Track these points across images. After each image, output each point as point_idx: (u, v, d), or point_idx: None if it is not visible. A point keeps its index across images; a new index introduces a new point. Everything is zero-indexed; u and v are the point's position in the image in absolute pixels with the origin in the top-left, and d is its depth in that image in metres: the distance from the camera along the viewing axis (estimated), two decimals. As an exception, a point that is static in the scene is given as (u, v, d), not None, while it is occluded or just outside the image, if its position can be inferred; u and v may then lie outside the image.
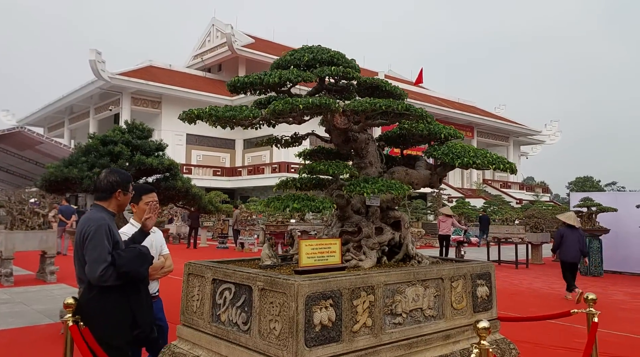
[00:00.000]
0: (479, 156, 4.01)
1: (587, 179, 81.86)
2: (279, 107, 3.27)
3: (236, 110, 3.38)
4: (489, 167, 4.01)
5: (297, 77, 3.59)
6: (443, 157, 4.06)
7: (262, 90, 3.95)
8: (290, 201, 3.47)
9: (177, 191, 9.10)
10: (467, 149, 4.07)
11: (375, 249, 4.06)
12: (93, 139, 8.73)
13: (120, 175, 3.63)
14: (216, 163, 41.11)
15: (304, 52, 3.95)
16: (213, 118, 3.37)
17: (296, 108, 3.24)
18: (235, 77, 3.83)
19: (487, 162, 3.99)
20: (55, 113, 46.41)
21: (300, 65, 3.97)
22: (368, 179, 3.80)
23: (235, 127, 3.61)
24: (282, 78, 3.61)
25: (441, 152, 4.11)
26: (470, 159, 3.95)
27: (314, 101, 3.26)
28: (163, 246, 4.58)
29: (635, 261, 15.15)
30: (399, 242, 4.29)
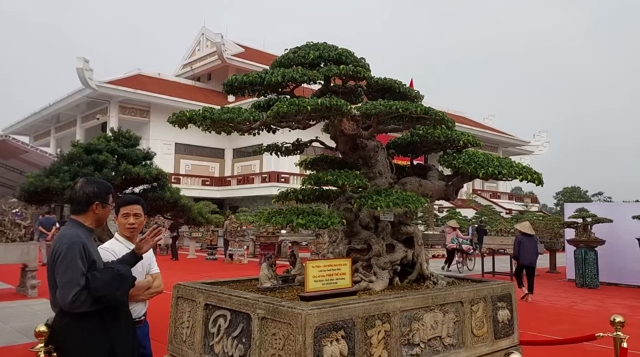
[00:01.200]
0: (505, 166, 3.62)
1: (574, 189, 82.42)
2: (283, 109, 2.85)
3: (234, 113, 2.96)
4: (515, 178, 3.61)
5: (302, 76, 3.19)
6: (464, 166, 3.65)
7: (261, 91, 3.53)
8: (294, 215, 3.05)
9: (165, 202, 8.63)
10: (491, 158, 3.68)
11: (387, 269, 3.64)
12: (76, 147, 8.27)
13: (98, 185, 3.17)
14: (205, 173, 40.56)
15: (309, 49, 3.53)
16: (207, 121, 2.95)
17: (303, 110, 2.83)
18: (232, 76, 3.41)
19: (514, 172, 3.59)
20: (42, 122, 45.67)
21: (304, 63, 3.56)
22: (380, 191, 3.39)
23: (224, 135, 3.18)
24: (285, 77, 3.20)
25: (462, 161, 3.70)
26: (496, 168, 3.56)
27: (324, 102, 2.85)
28: (152, 264, 4.10)
29: (632, 272, 14.91)
30: (412, 261, 3.87)
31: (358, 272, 3.57)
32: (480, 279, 4.14)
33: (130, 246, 3.50)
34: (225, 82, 3.43)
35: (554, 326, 8.42)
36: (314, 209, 3.21)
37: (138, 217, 3.57)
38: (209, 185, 39.97)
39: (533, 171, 3.68)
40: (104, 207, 3.16)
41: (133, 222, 3.53)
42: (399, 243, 3.84)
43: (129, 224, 3.53)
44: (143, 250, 3.13)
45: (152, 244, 3.17)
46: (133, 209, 3.57)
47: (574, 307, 10.65)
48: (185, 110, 3.12)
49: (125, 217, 3.50)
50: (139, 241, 3.11)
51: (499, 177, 3.64)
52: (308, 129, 3.70)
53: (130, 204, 3.60)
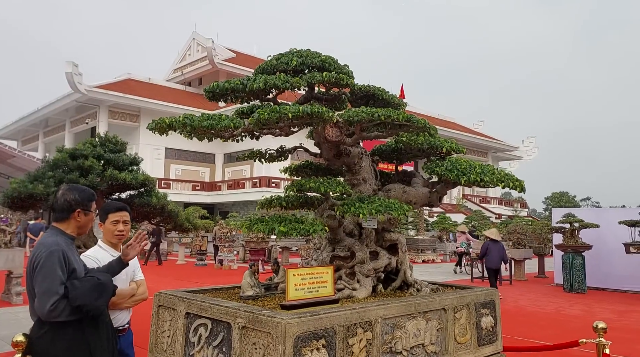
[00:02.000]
0: (487, 173, 3.62)
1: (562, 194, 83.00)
2: (264, 116, 2.83)
3: (214, 120, 2.93)
4: (497, 185, 3.62)
5: (284, 83, 3.17)
6: (447, 173, 3.65)
7: (244, 98, 3.51)
8: (276, 223, 3.03)
9: (152, 208, 8.54)
10: (473, 165, 3.68)
11: (371, 277, 3.63)
12: (62, 152, 8.18)
13: (80, 192, 3.13)
14: (195, 178, 40.36)
15: (292, 56, 3.52)
16: (188, 128, 2.93)
17: (284, 117, 2.82)
18: (214, 83, 3.38)
19: (496, 180, 3.60)
20: (30, 126, 45.23)
21: (287, 70, 3.55)
22: (364, 198, 3.38)
23: (214, 140, 3.15)
24: (267, 84, 3.18)
25: (444, 168, 3.71)
26: (477, 176, 3.56)
27: (305, 110, 2.84)
28: (136, 270, 4.05)
29: (618, 277, 15.02)
30: (396, 268, 3.86)
31: (341, 279, 3.55)
32: (464, 286, 4.14)
33: (114, 253, 3.46)
34: (206, 88, 3.40)
35: (542, 331, 8.45)
36: (296, 216, 3.19)
37: (127, 224, 3.53)
38: (199, 190, 39.78)
39: (515, 178, 3.69)
40: (86, 214, 3.12)
41: (122, 229, 3.49)
42: (383, 250, 3.83)
43: (119, 231, 3.48)
44: (130, 256, 3.10)
45: (138, 250, 3.13)
46: (122, 216, 3.52)
47: (561, 312, 10.69)
48: (174, 115, 3.09)
49: (114, 224, 3.45)
50: (125, 248, 3.07)
51: (481, 185, 3.64)
52: (295, 134, 3.68)
53: (120, 211, 3.55)
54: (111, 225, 3.47)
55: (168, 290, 3.52)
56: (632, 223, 13.76)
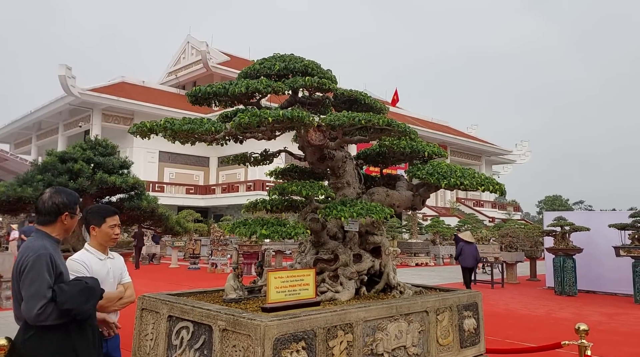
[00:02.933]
0: (467, 177, 3.66)
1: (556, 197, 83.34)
2: (244, 120, 2.86)
3: (195, 123, 2.96)
4: (477, 189, 3.66)
5: (266, 87, 3.20)
6: (428, 177, 3.69)
7: (227, 102, 3.54)
8: (258, 226, 3.05)
9: (142, 211, 8.53)
10: (454, 169, 3.72)
11: (354, 279, 3.66)
12: (51, 155, 8.17)
13: (68, 195, 3.14)
14: (190, 181, 40.32)
15: (275, 61, 3.56)
16: (168, 132, 2.95)
17: (264, 121, 2.85)
18: (197, 87, 3.41)
19: (476, 183, 3.64)
20: (23, 129, 45.08)
21: (270, 75, 3.58)
22: (346, 201, 3.41)
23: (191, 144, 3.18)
24: (249, 88, 3.21)
25: (425, 172, 3.74)
26: (458, 179, 3.60)
27: (285, 114, 2.87)
28: (123, 273, 4.06)
29: (609, 280, 15.10)
30: (379, 271, 3.89)
31: (325, 282, 3.58)
32: (447, 289, 4.17)
33: (101, 257, 3.48)
34: (188, 93, 3.43)
35: (530, 333, 8.49)
36: (279, 219, 3.21)
37: (120, 227, 3.58)
38: (193, 193, 39.73)
39: (495, 182, 3.73)
40: (72, 217, 3.14)
41: (118, 232, 3.54)
42: (367, 253, 3.86)
43: (116, 234, 3.53)
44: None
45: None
46: (117, 220, 3.58)
47: (551, 315, 10.75)
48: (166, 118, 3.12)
49: (112, 227, 3.48)
50: None
51: (460, 188, 3.68)
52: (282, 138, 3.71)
53: (116, 215, 3.61)
54: (109, 229, 3.50)
55: (151, 293, 3.54)
56: (622, 226, 13.84)
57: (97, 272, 3.44)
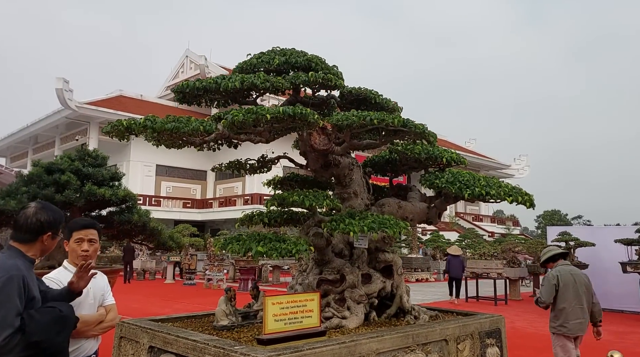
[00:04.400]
0: (493, 186, 3.23)
1: (554, 212, 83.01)
2: (238, 118, 2.45)
3: (181, 122, 2.55)
4: (504, 200, 3.23)
5: (264, 82, 2.79)
6: (448, 186, 3.25)
7: (220, 101, 3.13)
8: (254, 242, 2.62)
9: (133, 225, 8.11)
10: (477, 177, 3.30)
11: (363, 303, 3.21)
12: (37, 166, 7.75)
13: (54, 213, 2.70)
14: (187, 195, 39.86)
15: (274, 55, 3.15)
16: (149, 130, 2.53)
17: (262, 119, 2.43)
18: (185, 81, 3.00)
19: (504, 193, 3.21)
20: (19, 143, 44.72)
21: (269, 70, 3.18)
22: (354, 213, 2.98)
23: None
24: (244, 83, 2.80)
25: (445, 180, 3.31)
26: (483, 189, 3.17)
27: (286, 111, 2.46)
28: (106, 294, 3.60)
29: (616, 297, 14.65)
30: (391, 293, 3.45)
31: (330, 306, 3.13)
32: (466, 312, 3.73)
33: None
34: (174, 88, 3.02)
35: (540, 354, 8.04)
36: (278, 234, 2.78)
37: (93, 243, 3.12)
38: (190, 207, 39.26)
39: (524, 192, 3.30)
40: (53, 238, 2.72)
41: (87, 249, 3.08)
42: (377, 272, 3.42)
43: (83, 251, 3.08)
44: (78, 287, 2.67)
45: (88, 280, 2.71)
46: (88, 233, 3.11)
47: (561, 334, 10.28)
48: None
49: (78, 242, 3.04)
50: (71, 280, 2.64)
51: (486, 199, 3.25)
52: (280, 143, 3.30)
53: (85, 228, 3.13)
54: (75, 244, 3.06)
55: (131, 319, 3.08)
56: (629, 242, 13.45)
57: None
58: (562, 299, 4.37)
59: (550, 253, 4.57)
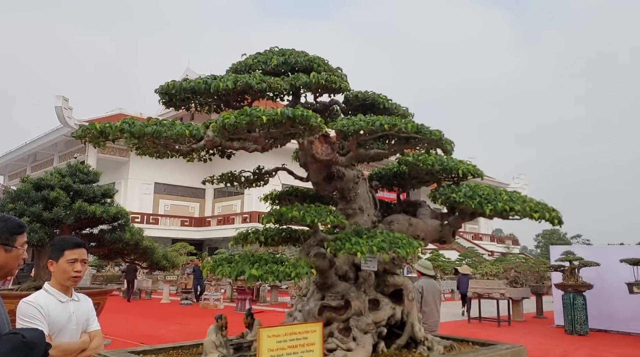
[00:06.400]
0: (517, 201, 2.89)
1: (553, 231, 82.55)
2: (230, 121, 2.14)
3: (164, 125, 2.23)
4: (531, 216, 2.89)
5: (260, 82, 2.48)
6: (467, 201, 2.90)
7: (212, 104, 2.82)
8: (247, 264, 2.28)
9: (124, 244, 7.76)
10: (498, 191, 2.96)
11: (370, 332, 2.85)
12: (25, 182, 7.43)
13: (5, 221, 2.39)
14: (185, 213, 39.52)
15: (272, 54, 2.84)
16: (126, 134, 2.22)
17: (257, 122, 2.12)
18: (170, 82, 2.69)
19: (529, 209, 2.87)
20: (17, 161, 44.56)
21: (267, 71, 2.87)
22: (361, 231, 2.65)
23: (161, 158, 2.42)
24: (238, 83, 2.48)
25: (463, 194, 2.96)
26: (506, 204, 2.83)
27: (285, 113, 2.14)
28: (90, 319, 3.25)
29: (622, 319, 14.22)
30: (401, 320, 3.09)
31: (333, 337, 2.77)
32: (483, 342, 3.36)
33: (61, 298, 2.76)
34: (159, 90, 2.71)
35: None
36: (275, 255, 2.44)
37: (85, 263, 2.84)
38: (188, 225, 38.90)
39: (551, 208, 2.96)
40: (6, 250, 2.38)
41: (80, 269, 2.81)
42: (385, 298, 3.06)
43: (76, 271, 2.79)
44: None
45: None
46: (81, 254, 2.82)
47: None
48: None
49: (71, 263, 2.75)
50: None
51: (510, 215, 2.91)
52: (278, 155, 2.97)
53: (79, 248, 2.85)
54: (67, 264, 2.77)
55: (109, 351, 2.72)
56: (635, 262, 13.10)
57: (55, 318, 2.73)
58: (425, 303, 5.34)
59: (430, 272, 6.05)
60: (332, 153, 2.76)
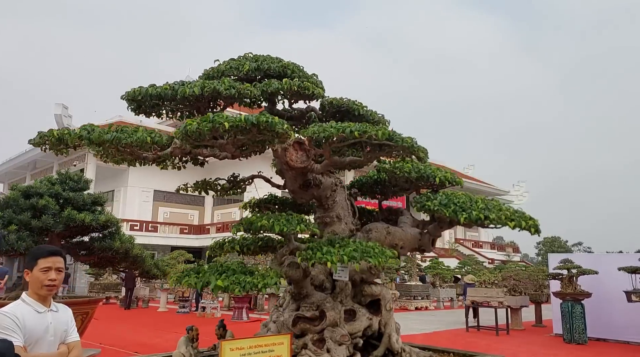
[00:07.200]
0: (492, 210, 2.83)
1: (554, 239, 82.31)
2: (192, 128, 2.09)
3: (124, 132, 2.19)
4: (506, 224, 2.83)
5: (228, 89, 2.42)
6: (441, 209, 2.85)
7: (184, 111, 2.77)
8: (214, 275, 2.23)
9: (114, 252, 7.68)
10: (474, 199, 2.91)
11: (345, 344, 2.79)
12: (14, 190, 7.38)
13: None
14: (184, 220, 39.46)
15: (245, 60, 2.80)
16: (84, 141, 2.17)
17: (220, 128, 2.07)
18: (137, 88, 2.64)
19: (504, 217, 2.81)
20: (17, 168, 44.56)
21: (240, 77, 2.83)
22: (334, 240, 2.59)
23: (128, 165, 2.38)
24: (205, 89, 2.43)
25: (438, 202, 2.90)
26: (481, 212, 2.77)
27: (249, 119, 2.09)
28: (69, 329, 3.20)
29: (621, 327, 14.07)
30: (379, 331, 3.02)
31: (307, 349, 2.71)
32: (464, 353, 3.29)
33: (39, 309, 2.72)
34: (125, 96, 2.66)
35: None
36: (245, 265, 2.39)
37: (60, 272, 2.81)
38: (187, 233, 38.82)
39: (528, 217, 2.89)
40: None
41: (55, 278, 2.77)
42: (362, 308, 3.00)
43: (50, 280, 2.75)
44: None
45: None
46: (56, 262, 2.79)
47: (566, 367, 9.79)
48: None
49: (45, 271, 2.72)
50: None
51: (485, 223, 2.85)
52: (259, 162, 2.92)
53: (53, 255, 2.81)
54: (41, 273, 2.75)
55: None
56: (633, 270, 12.99)
57: (32, 328, 2.70)
58: None
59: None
60: (307, 160, 2.72)
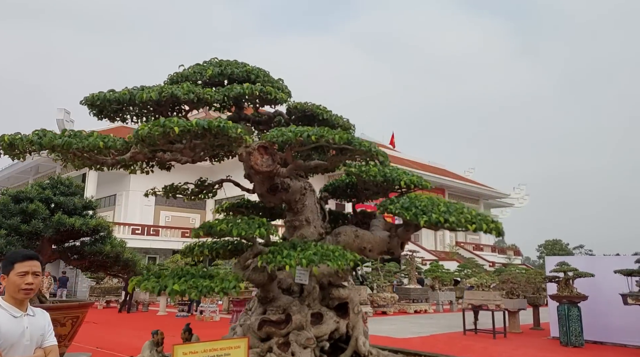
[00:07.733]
0: (453, 213, 2.83)
1: (556, 242, 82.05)
2: (143, 132, 2.10)
3: (76, 137, 2.20)
4: (466, 227, 2.83)
5: (187, 93, 2.44)
6: (402, 212, 2.85)
7: (149, 116, 2.78)
8: (171, 279, 2.24)
9: (104, 257, 7.71)
10: (436, 203, 2.90)
11: (310, 347, 2.79)
12: (4, 195, 7.42)
13: None
14: (186, 224, 39.53)
15: (209, 65, 2.82)
16: (35, 146, 2.18)
17: (170, 133, 2.08)
18: (96, 93, 2.66)
19: (465, 220, 2.80)
20: (19, 173, 44.77)
21: (205, 82, 2.84)
22: (297, 244, 2.60)
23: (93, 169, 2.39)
24: (163, 94, 2.45)
25: (400, 205, 2.90)
26: (441, 215, 2.77)
27: (200, 123, 2.11)
28: (46, 334, 3.20)
29: (617, 330, 13.97)
30: (346, 334, 3.02)
31: (272, 352, 2.72)
32: (434, 355, 3.29)
33: (15, 313, 2.73)
34: (84, 102, 2.68)
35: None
36: (205, 270, 2.40)
37: (37, 276, 2.82)
38: (189, 237, 38.88)
39: (489, 220, 2.89)
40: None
41: (32, 282, 2.78)
42: (330, 311, 3.00)
43: (27, 284, 2.77)
44: None
45: None
46: (32, 266, 2.80)
47: (562, 370, 9.75)
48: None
49: (21, 275, 2.73)
50: None
51: (444, 226, 2.85)
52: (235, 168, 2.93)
53: (29, 260, 2.83)
54: (17, 277, 2.76)
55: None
56: (629, 272, 12.92)
57: (7, 333, 2.71)
58: None
59: None
60: (272, 164, 2.73)
